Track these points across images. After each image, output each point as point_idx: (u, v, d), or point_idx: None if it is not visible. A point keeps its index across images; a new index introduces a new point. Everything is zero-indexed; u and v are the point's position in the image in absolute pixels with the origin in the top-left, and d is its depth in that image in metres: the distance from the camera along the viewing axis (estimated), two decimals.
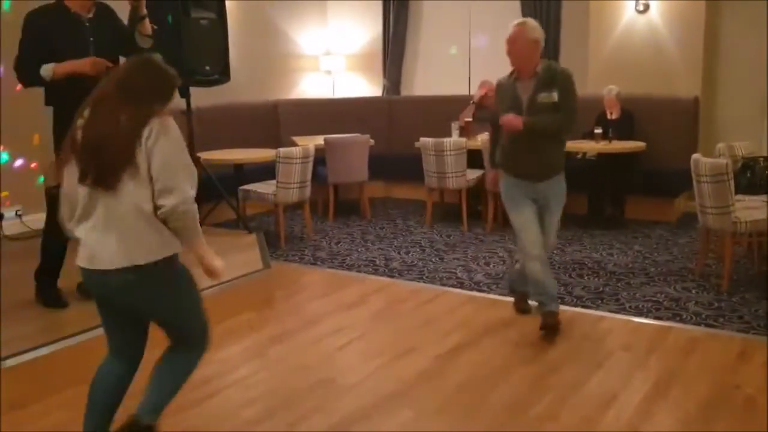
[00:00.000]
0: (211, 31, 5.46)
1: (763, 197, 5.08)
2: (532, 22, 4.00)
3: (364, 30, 9.39)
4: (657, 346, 3.87)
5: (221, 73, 5.47)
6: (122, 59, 3.63)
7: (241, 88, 7.66)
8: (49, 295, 3.82)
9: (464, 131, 7.15)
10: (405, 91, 9.25)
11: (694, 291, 4.80)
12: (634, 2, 7.35)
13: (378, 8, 9.14)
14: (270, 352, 3.89)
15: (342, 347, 3.94)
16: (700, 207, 4.90)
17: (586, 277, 5.17)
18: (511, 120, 3.92)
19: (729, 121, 7.23)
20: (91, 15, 3.71)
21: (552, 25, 7.96)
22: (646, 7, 7.29)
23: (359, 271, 5.45)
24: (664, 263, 5.47)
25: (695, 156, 4.91)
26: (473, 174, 6.77)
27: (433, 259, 5.72)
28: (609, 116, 6.88)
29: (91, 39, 3.68)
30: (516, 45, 3.95)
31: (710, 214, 4.79)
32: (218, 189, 5.59)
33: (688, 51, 7.16)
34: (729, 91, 7.26)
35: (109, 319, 2.59)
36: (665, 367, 3.60)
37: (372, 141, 7.18)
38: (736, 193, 4.77)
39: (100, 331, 2.68)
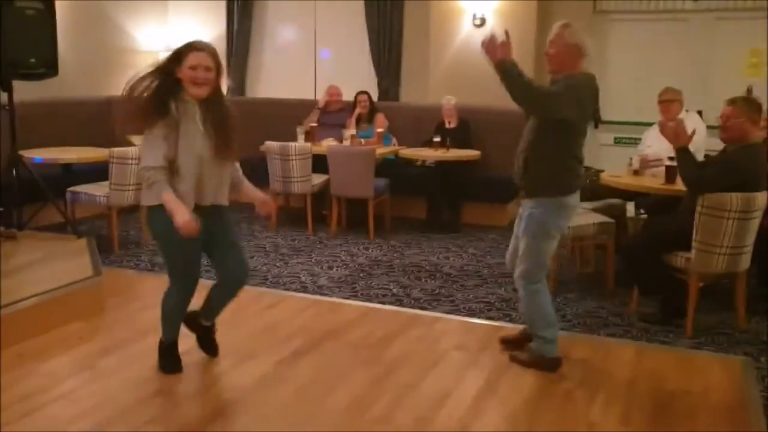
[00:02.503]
0: (38, 22, 5.14)
1: (586, 204, 5.51)
2: (575, 26, 3.56)
3: (207, 28, 9.15)
4: (488, 345, 4.07)
5: (48, 67, 5.15)
6: None
7: (71, 83, 7.23)
8: None
9: (309, 136, 7.16)
10: (250, 93, 9.12)
11: None
12: (471, 16, 7.72)
13: (221, 7, 8.95)
14: (101, 363, 3.67)
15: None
16: None
17: (423, 280, 5.35)
18: (494, 47, 3.38)
19: None
20: None
21: (395, 37, 8.20)
22: (483, 22, 7.68)
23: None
24: (496, 265, 5.78)
25: None
26: (318, 179, 6.80)
27: (278, 264, 5.68)
28: (447, 125, 7.17)
29: None
30: (551, 47, 3.53)
31: None
32: (43, 190, 5.21)
33: (521, 65, 7.58)
34: None
35: None
36: (495, 365, 3.79)
37: None
38: None
39: None
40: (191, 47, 3.21)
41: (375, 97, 7.96)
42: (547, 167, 3.51)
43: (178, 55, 3.20)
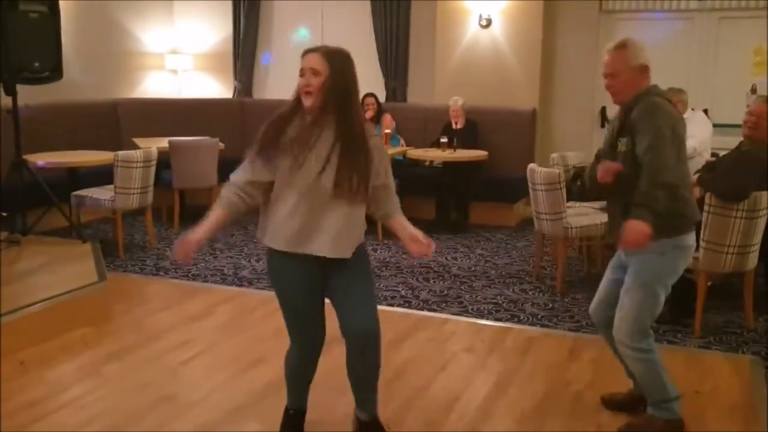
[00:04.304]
0: (42, 25, 5.13)
1: (593, 204, 5.47)
2: (634, 43, 2.96)
3: (213, 29, 9.14)
4: (497, 346, 4.05)
5: (53, 70, 5.15)
6: None
7: (76, 86, 7.22)
8: None
9: None
10: (257, 94, 9.10)
11: (531, 292, 5.08)
12: (477, 17, 7.68)
13: (228, 7, 8.94)
14: (106, 369, 3.66)
15: (185, 362, 3.78)
16: (535, 213, 5.20)
17: (432, 281, 5.33)
18: (607, 169, 2.96)
19: (563, 132, 7.76)
20: None
21: (401, 37, 8.17)
22: (489, 22, 7.64)
23: (206, 281, 5.27)
24: (504, 266, 5.75)
25: (531, 165, 5.20)
26: None
27: None
28: (454, 126, 7.14)
29: None
30: (614, 77, 2.95)
31: (545, 219, 5.10)
32: (47, 194, 5.21)
33: (527, 66, 7.60)
34: (563, 104, 7.78)
35: None
36: (504, 367, 3.77)
37: (222, 145, 6.99)
38: (568, 200, 5.11)
39: None
40: (305, 50, 2.60)
41: (382, 98, 7.93)
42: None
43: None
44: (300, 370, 2.91)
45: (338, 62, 2.57)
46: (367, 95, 7.55)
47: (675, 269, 3.01)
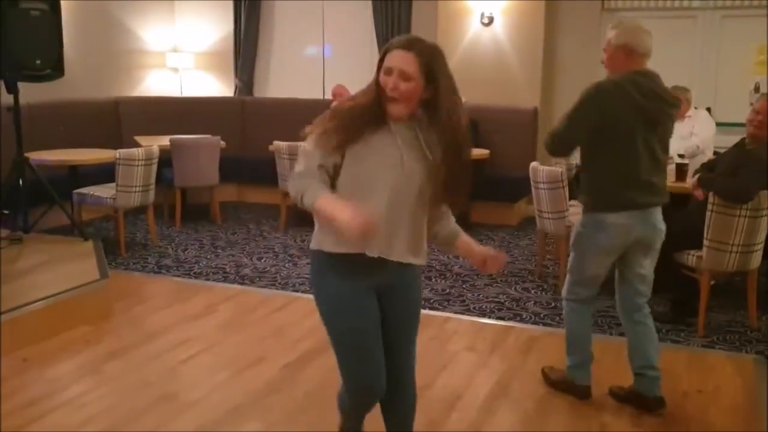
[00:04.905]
0: (43, 23, 5.11)
1: None
2: (623, 25, 3.18)
3: (214, 28, 9.14)
4: (499, 345, 4.04)
5: (54, 68, 5.13)
6: None
7: (77, 85, 7.22)
8: None
9: None
10: (258, 93, 9.09)
11: (533, 291, 5.07)
12: (479, 15, 7.67)
13: (229, 6, 8.93)
14: (106, 368, 3.65)
15: (185, 361, 3.77)
16: (537, 211, 5.18)
17: (434, 280, 5.31)
18: None
19: None
20: None
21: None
22: (491, 21, 7.63)
23: (207, 279, 5.26)
24: (506, 265, 5.72)
25: (533, 164, 5.18)
26: None
27: (287, 265, 5.64)
28: None
29: None
30: (604, 53, 3.24)
31: (547, 218, 5.08)
32: (49, 192, 5.20)
33: (529, 64, 7.59)
34: (565, 103, 7.70)
35: None
36: (507, 366, 3.76)
37: (223, 143, 6.98)
38: (570, 198, 5.09)
39: None
40: (390, 44, 2.19)
41: None
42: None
43: (382, 54, 2.20)
44: (356, 415, 2.58)
45: (434, 68, 2.18)
46: None
47: (595, 244, 3.22)
